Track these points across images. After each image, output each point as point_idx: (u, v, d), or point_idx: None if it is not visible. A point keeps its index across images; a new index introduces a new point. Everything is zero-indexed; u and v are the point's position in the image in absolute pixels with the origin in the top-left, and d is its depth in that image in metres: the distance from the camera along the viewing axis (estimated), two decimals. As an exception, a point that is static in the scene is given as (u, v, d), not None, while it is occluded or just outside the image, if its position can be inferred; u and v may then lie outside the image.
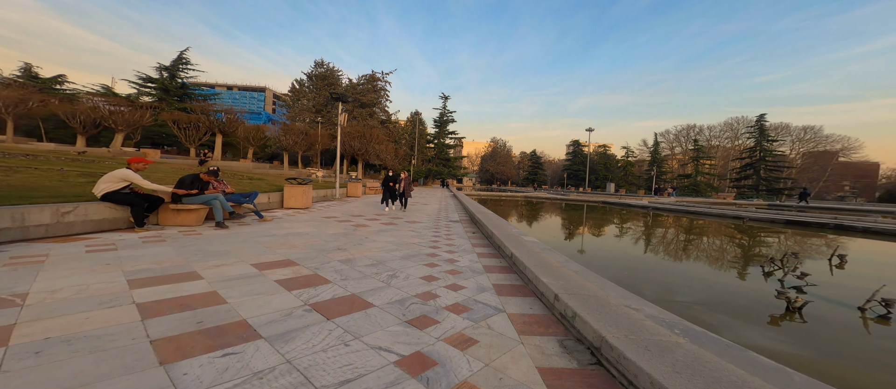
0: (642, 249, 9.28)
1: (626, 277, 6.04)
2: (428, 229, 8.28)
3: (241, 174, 15.21)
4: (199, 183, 6.20)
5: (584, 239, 10.45)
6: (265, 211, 9.23)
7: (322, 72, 44.87)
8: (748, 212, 17.41)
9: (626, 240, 10.87)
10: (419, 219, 10.11)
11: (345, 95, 14.65)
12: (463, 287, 3.83)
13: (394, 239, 6.68)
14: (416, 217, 10.73)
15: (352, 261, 4.67)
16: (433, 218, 10.47)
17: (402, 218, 9.95)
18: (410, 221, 9.61)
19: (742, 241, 11.03)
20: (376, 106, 47.19)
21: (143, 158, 6.11)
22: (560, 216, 17.30)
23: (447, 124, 64.07)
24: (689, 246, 10.03)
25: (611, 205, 25.87)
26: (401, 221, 9.48)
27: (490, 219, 8.58)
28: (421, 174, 57.50)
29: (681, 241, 10.83)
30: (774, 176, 51.74)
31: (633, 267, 6.94)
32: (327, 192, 14.42)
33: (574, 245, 9.53)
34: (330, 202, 13.55)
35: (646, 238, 11.27)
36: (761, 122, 53.31)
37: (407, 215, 10.83)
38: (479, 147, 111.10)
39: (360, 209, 11.63)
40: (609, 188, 61.92)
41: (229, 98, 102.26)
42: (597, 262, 7.31)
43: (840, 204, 34.47)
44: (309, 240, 5.91)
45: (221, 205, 6.22)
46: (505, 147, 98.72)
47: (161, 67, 36.43)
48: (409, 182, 11.67)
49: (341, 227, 7.63)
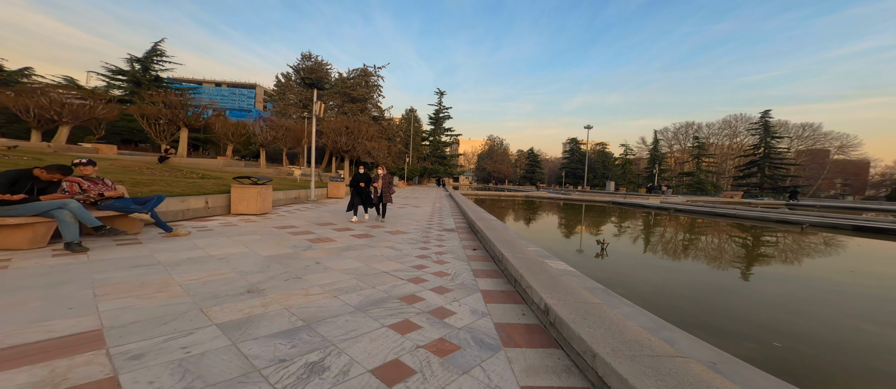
0: (746, 279, 7.12)
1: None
2: (413, 244, 6.14)
3: (202, 170, 12.93)
4: (29, 183, 3.99)
5: (651, 265, 7.39)
6: (198, 220, 7.02)
7: (310, 65, 42.40)
8: (799, 216, 15.20)
9: (706, 267, 8.79)
10: (405, 228, 7.97)
11: (320, 80, 12.48)
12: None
13: (359, 264, 4.54)
14: (402, 224, 8.58)
15: (248, 325, 2.54)
16: (423, 227, 8.33)
17: (383, 228, 7.80)
18: (393, 232, 7.46)
19: (844, 258, 8.96)
20: (368, 101, 44.77)
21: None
22: (579, 222, 15.09)
23: (443, 121, 61.85)
24: (796, 271, 7.91)
25: (622, 206, 23.89)
26: (380, 232, 7.33)
27: (497, 233, 6.46)
28: (416, 172, 55.26)
29: (770, 259, 8.70)
30: (779, 173, 50.16)
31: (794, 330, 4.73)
32: (300, 193, 12.21)
33: (634, 273, 7.31)
34: (302, 205, 11.35)
35: (720, 256, 8.91)
36: (766, 119, 51.72)
37: (389, 223, 8.66)
38: (475, 145, 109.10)
39: (333, 215, 9.45)
40: (608, 186, 60.16)
41: (217, 95, 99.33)
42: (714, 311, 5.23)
43: (858, 204, 32.84)
44: (212, 272, 3.76)
45: (75, 217, 4.02)
46: (502, 145, 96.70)
47: (132, 59, 33.83)
48: (390, 182, 8.53)
49: (289, 245, 5.45)
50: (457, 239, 6.94)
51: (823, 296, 5.50)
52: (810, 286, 5.95)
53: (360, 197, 8.23)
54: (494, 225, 7.39)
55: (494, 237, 5.81)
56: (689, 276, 6.45)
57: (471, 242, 6.72)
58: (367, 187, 8.23)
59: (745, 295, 5.48)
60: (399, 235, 7.03)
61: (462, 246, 6.24)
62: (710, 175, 61.91)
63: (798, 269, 7.16)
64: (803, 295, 5.49)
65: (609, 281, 4.89)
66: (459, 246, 6.31)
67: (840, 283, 6.09)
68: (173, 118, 20.64)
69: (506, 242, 5.39)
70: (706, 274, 6.67)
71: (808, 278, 6.42)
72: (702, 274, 6.65)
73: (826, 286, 5.97)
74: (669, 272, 6.68)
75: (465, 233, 7.84)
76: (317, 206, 11.45)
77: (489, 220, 8.25)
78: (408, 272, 4.31)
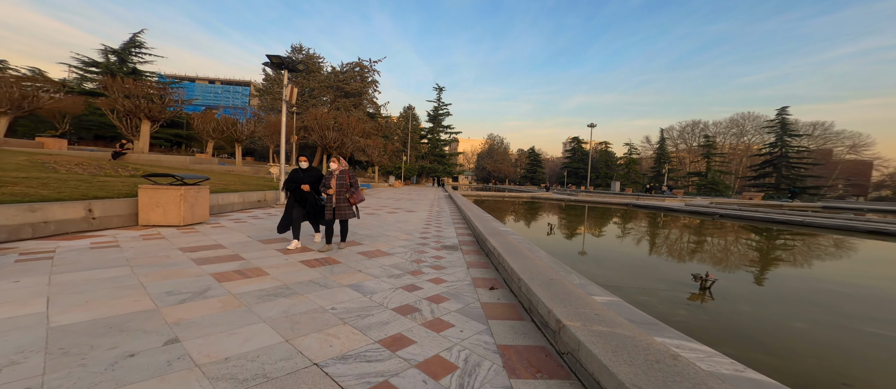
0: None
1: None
2: (396, 278, 3.89)
3: (154, 168, 10.61)
4: None
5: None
6: (56, 239, 4.72)
7: (301, 58, 39.95)
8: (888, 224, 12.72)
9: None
10: (390, 246, 5.70)
11: (290, 60, 10.14)
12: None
13: (274, 338, 2.30)
14: (387, 238, 6.32)
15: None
16: (414, 244, 6.07)
17: (357, 247, 5.51)
18: (370, 252, 5.19)
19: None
20: (363, 96, 42.31)
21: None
22: (623, 233, 12.55)
23: (442, 118, 59.53)
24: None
25: (650, 210, 21.64)
26: (350, 254, 5.04)
27: (527, 260, 4.19)
28: (413, 171, 52.94)
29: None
30: (797, 173, 47.85)
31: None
32: (266, 195, 9.89)
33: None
34: (264, 210, 9.07)
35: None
36: (783, 116, 49.35)
37: (369, 238, 6.39)
38: (474, 144, 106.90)
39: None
40: (614, 187, 57.94)
41: (210, 92, 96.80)
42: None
43: (871, 205, 30.70)
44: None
45: None
46: (502, 143, 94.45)
47: (107, 50, 31.32)
48: (351, 182, 5.07)
49: (159, 289, 3.19)
50: (461, 266, 4.67)
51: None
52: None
53: (305, 208, 5.17)
54: (516, 244, 5.11)
55: (525, 269, 3.53)
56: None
57: (483, 273, 4.44)
58: (316, 192, 5.12)
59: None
60: (377, 259, 4.75)
61: (471, 282, 3.97)
62: (726, 176, 59.74)
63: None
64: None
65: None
66: (467, 280, 4.04)
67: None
68: (133, 109, 18.21)
69: (549, 282, 3.11)
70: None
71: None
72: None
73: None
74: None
75: (472, 253, 5.56)
76: (281, 212, 9.18)
77: (505, 235, 5.97)
78: (374, 354, 2.05)
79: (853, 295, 5.64)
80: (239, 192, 8.51)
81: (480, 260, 5.12)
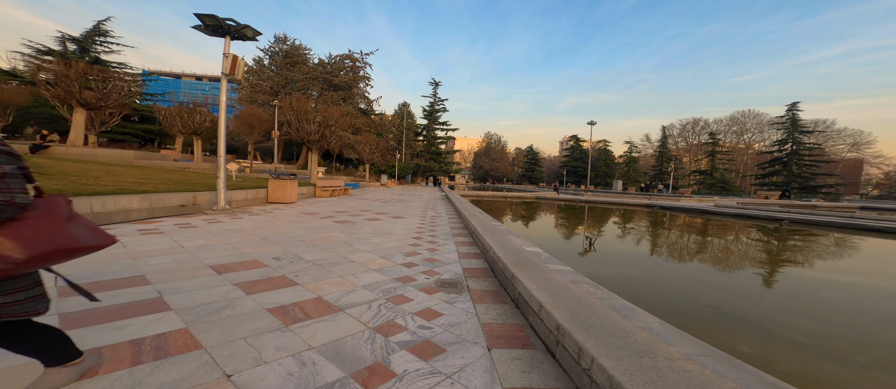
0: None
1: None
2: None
3: (59, 162, 8.10)
4: None
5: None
6: None
7: (286, 49, 37.21)
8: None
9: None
10: (339, 290, 3.36)
11: (242, 27, 7.69)
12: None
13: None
14: (336, 277, 3.98)
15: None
16: (388, 283, 3.78)
17: (275, 293, 3.15)
18: (286, 318, 2.79)
19: None
20: (353, 89, 39.62)
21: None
22: (689, 245, 9.99)
23: (438, 114, 57.01)
24: None
25: (670, 211, 19.46)
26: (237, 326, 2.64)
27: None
28: (408, 170, 50.44)
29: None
30: (809, 172, 45.93)
31: None
32: (195, 198, 7.37)
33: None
34: (186, 219, 6.64)
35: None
36: (794, 112, 47.41)
37: (307, 275, 4.05)
38: (471, 143, 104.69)
39: (167, 247, 4.78)
40: (616, 186, 55.97)
41: (197, 88, 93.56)
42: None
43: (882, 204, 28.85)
44: None
45: None
46: (499, 142, 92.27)
47: (65, 38, 28.41)
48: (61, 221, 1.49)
49: None
50: (476, 339, 2.31)
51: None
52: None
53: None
54: (585, 298, 2.78)
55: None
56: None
57: (521, 360, 2.08)
58: None
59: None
60: (302, 331, 2.37)
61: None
62: (733, 174, 58.05)
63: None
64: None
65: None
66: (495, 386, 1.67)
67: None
68: (63, 96, 15.50)
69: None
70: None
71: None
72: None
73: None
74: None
75: (489, 298, 3.21)
76: (210, 223, 6.74)
77: (545, 269, 3.62)
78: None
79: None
80: (144, 194, 5.99)
81: (509, 321, 2.76)
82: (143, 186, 6.75)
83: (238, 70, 7.74)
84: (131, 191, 5.96)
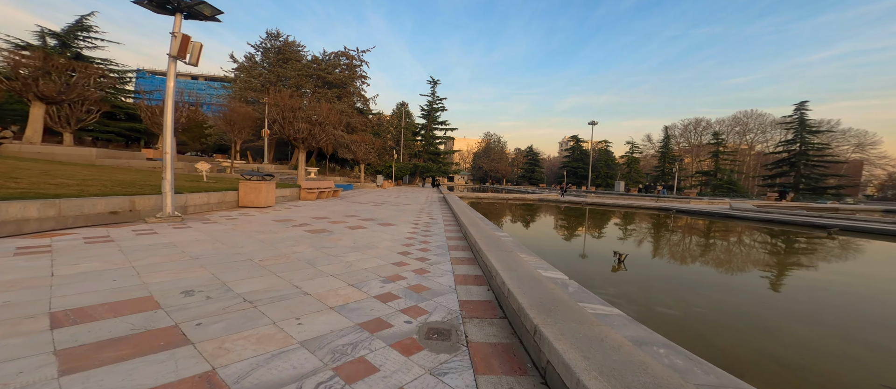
0: None
1: None
2: None
3: (11, 160, 6.82)
4: None
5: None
6: None
7: (278, 45, 35.87)
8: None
9: None
10: (274, 347, 2.10)
11: (196, 4, 6.48)
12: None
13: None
14: (266, 327, 2.73)
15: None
16: (346, 336, 2.50)
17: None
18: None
19: None
20: (349, 87, 38.28)
21: None
22: (754, 262, 8.61)
23: (437, 114, 55.77)
24: None
25: (688, 214, 18.27)
26: None
27: None
28: (406, 170, 49.16)
29: None
30: (818, 173, 44.68)
31: None
32: (133, 202, 6.10)
33: None
34: (108, 230, 5.39)
35: None
36: (802, 112, 46.21)
37: (238, 313, 2.79)
38: (470, 143, 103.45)
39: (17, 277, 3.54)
40: (618, 187, 54.82)
41: (193, 88, 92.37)
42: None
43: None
44: None
45: None
46: (499, 142, 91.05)
47: (44, 32, 27.19)
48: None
49: None
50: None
51: None
52: None
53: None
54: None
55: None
56: None
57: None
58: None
59: None
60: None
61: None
62: (733, 174, 57.00)
63: None
64: None
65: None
66: None
67: None
68: (20, 89, 14.20)
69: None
70: None
71: None
72: None
73: None
74: None
75: (503, 369, 1.96)
76: (87, 246, 5.49)
77: (619, 342, 2.40)
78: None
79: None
80: (51, 200, 4.66)
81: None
82: (63, 190, 5.47)
83: (193, 53, 6.52)
84: (34, 195, 4.69)
